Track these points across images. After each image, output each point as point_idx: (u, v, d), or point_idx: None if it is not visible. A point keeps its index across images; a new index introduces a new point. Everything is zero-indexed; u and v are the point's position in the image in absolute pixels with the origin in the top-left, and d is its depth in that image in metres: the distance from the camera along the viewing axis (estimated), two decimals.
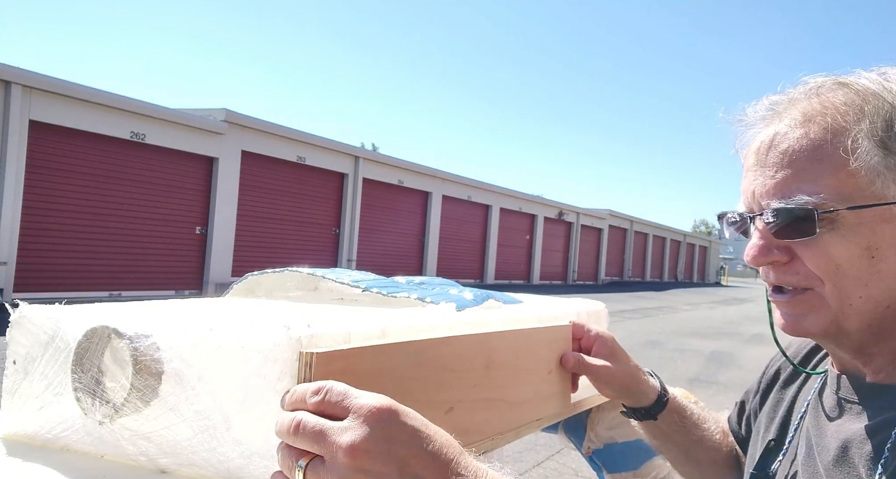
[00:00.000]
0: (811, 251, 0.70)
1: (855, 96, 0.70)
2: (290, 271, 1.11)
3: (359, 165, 19.75)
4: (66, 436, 0.75)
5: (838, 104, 0.70)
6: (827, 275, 0.70)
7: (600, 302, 1.34)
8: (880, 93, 0.69)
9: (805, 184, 0.69)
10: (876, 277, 0.69)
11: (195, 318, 0.79)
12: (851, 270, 0.69)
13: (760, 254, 0.74)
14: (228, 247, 15.76)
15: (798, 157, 0.70)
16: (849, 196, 0.68)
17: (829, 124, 0.69)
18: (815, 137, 0.70)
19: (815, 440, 0.79)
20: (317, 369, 0.62)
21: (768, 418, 0.94)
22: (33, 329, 0.78)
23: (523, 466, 4.59)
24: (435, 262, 23.27)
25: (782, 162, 0.71)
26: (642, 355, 10.09)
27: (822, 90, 0.72)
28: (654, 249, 46.10)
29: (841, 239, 0.69)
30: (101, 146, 12.89)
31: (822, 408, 0.80)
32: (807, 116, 0.71)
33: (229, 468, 0.66)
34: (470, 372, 0.84)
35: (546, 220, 30.87)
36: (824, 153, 0.69)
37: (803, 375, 0.92)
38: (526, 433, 0.98)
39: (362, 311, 0.93)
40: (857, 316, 0.71)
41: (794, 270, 0.73)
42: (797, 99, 0.74)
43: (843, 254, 0.69)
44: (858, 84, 0.70)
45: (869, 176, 0.68)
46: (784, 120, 0.73)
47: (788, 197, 0.70)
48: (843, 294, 0.70)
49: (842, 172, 0.68)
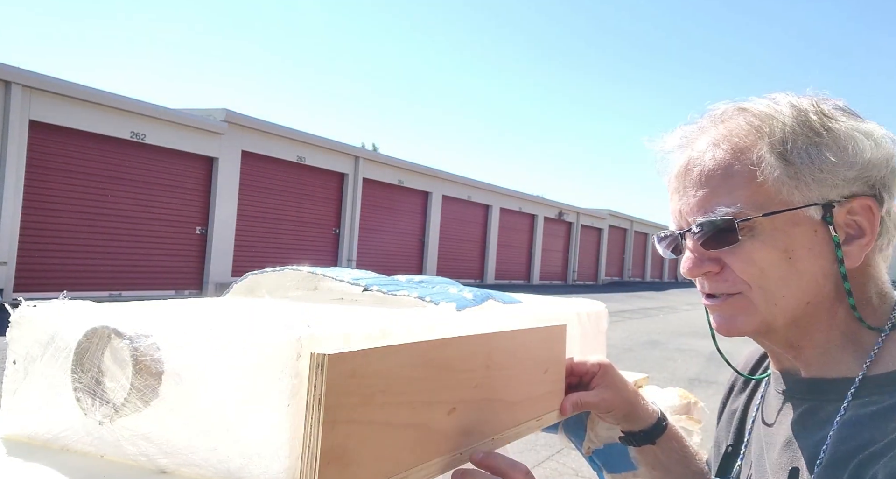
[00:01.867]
0: (737, 258, 0.77)
1: (754, 119, 0.79)
2: (290, 269, 1.11)
3: (359, 165, 19.75)
4: (66, 436, 0.75)
5: (741, 126, 0.79)
6: (753, 279, 0.77)
7: (600, 302, 1.34)
8: (773, 115, 0.78)
9: (722, 198, 0.77)
10: (795, 276, 0.76)
11: (195, 318, 0.79)
12: (774, 272, 0.76)
13: (694, 266, 0.81)
14: (228, 247, 15.76)
15: (713, 176, 0.78)
16: (761, 205, 0.76)
17: (735, 144, 0.78)
18: (725, 157, 0.78)
19: (764, 439, 0.84)
20: (329, 370, 0.62)
21: (725, 429, 0.98)
22: (33, 329, 0.78)
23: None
24: (435, 262, 23.28)
25: (700, 182, 0.79)
26: (642, 355, 10.09)
27: (725, 116, 0.81)
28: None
29: (761, 245, 0.76)
30: (101, 146, 12.90)
31: (768, 406, 0.87)
32: (715, 140, 0.80)
33: (229, 468, 0.66)
34: (471, 372, 0.84)
35: (546, 220, 30.89)
36: (734, 170, 0.77)
37: (753, 382, 0.98)
38: (526, 433, 0.98)
39: (362, 311, 0.93)
40: (782, 314, 0.78)
41: (724, 277, 0.79)
42: (705, 127, 0.83)
43: (764, 258, 0.76)
44: (755, 109, 0.79)
45: (775, 185, 0.75)
46: (696, 146, 0.82)
47: (710, 211, 0.77)
48: (769, 295, 0.77)
49: (752, 184, 0.76)
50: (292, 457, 0.63)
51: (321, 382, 0.62)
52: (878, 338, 0.77)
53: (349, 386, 0.65)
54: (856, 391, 0.74)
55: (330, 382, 0.62)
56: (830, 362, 0.79)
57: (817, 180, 0.75)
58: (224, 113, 15.31)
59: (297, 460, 0.63)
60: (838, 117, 0.78)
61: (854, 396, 0.74)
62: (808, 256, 0.76)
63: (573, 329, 1.17)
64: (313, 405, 0.62)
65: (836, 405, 0.75)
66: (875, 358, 0.76)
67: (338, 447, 0.64)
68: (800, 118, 0.77)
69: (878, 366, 0.75)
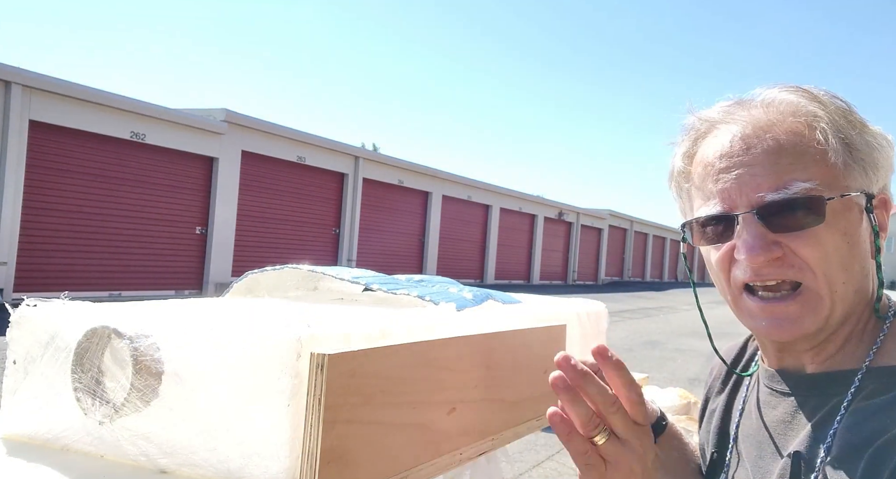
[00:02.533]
0: (805, 241, 0.72)
1: (810, 102, 0.76)
2: (290, 268, 1.11)
3: (359, 165, 19.74)
4: (66, 436, 0.75)
5: (801, 106, 0.75)
6: (818, 264, 0.72)
7: (600, 302, 1.34)
8: (829, 101, 0.76)
9: (797, 173, 0.72)
10: (852, 261, 0.74)
11: (195, 318, 0.79)
12: (836, 256, 0.73)
13: (764, 250, 0.72)
14: (228, 247, 15.75)
15: (783, 151, 0.73)
16: (833, 185, 0.73)
17: (800, 123, 0.74)
18: (794, 135, 0.73)
19: (761, 440, 0.82)
20: (329, 370, 0.62)
21: (705, 431, 0.97)
22: (33, 329, 0.78)
23: (523, 466, 4.59)
24: (435, 262, 23.27)
25: (769, 158, 0.73)
26: (642, 355, 10.09)
27: (773, 97, 0.77)
28: (655, 249, 46.10)
29: (826, 227, 0.72)
30: (101, 146, 12.89)
31: (762, 406, 0.84)
32: (778, 117, 0.75)
33: (229, 468, 0.66)
34: (471, 372, 0.84)
35: (546, 220, 30.86)
36: (806, 147, 0.73)
37: (732, 381, 0.95)
38: (526, 433, 0.98)
39: (362, 311, 0.93)
40: (840, 303, 0.74)
41: (790, 262, 0.73)
42: (755, 104, 0.77)
43: (830, 241, 0.72)
44: (811, 92, 0.77)
45: (839, 168, 0.73)
46: (754, 122, 0.76)
47: (785, 187, 0.72)
48: (830, 282, 0.73)
49: (825, 163, 0.73)
50: (292, 457, 0.63)
51: (321, 382, 0.62)
52: (882, 326, 0.77)
53: (349, 386, 0.65)
54: (861, 382, 0.73)
55: (330, 382, 0.62)
56: (844, 356, 0.78)
57: (866, 169, 0.75)
58: (224, 113, 15.29)
59: (297, 460, 0.63)
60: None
61: (860, 387, 0.73)
62: (860, 242, 0.75)
63: (573, 329, 1.17)
64: (313, 404, 0.62)
65: (840, 397, 0.74)
66: (878, 349, 0.75)
67: (338, 447, 0.64)
68: (846, 109, 0.77)
69: (883, 357, 0.75)
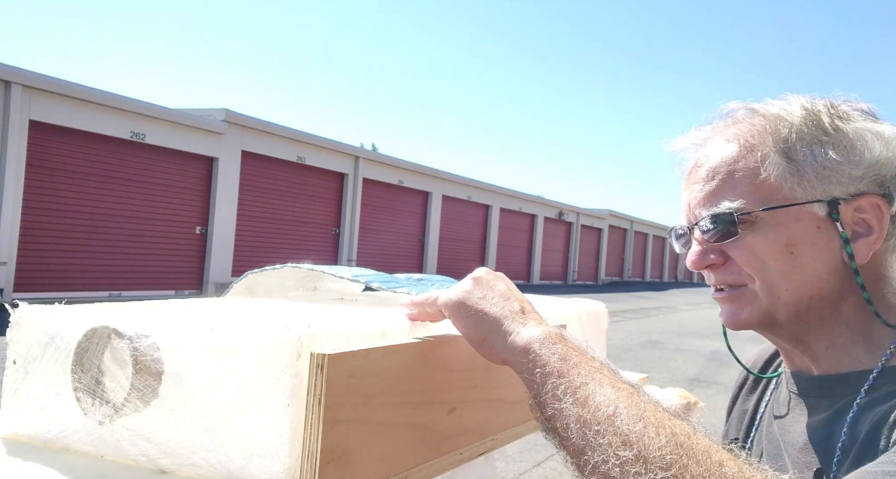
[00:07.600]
0: (740, 251, 0.80)
1: (762, 119, 0.82)
2: (290, 267, 1.11)
3: (359, 165, 19.74)
4: (66, 436, 0.75)
5: (751, 126, 0.82)
6: (755, 271, 0.80)
7: (600, 302, 1.34)
8: (783, 115, 0.81)
9: (727, 193, 0.80)
10: (798, 270, 0.78)
11: (195, 318, 0.79)
12: (775, 265, 0.78)
13: (699, 258, 0.84)
14: (228, 247, 15.75)
15: (719, 172, 0.82)
16: (763, 200, 0.78)
17: (743, 143, 0.81)
18: (732, 155, 0.81)
19: (781, 438, 0.85)
20: (328, 370, 0.62)
21: (735, 427, 0.99)
22: (33, 329, 0.78)
23: (523, 466, 4.59)
24: (435, 262, 23.27)
25: (707, 178, 0.83)
26: (642, 355, 10.09)
27: (737, 118, 0.85)
28: (655, 249, 46.10)
29: (763, 238, 0.78)
30: (101, 146, 12.89)
31: (781, 406, 0.88)
32: (726, 139, 0.84)
33: (229, 468, 0.66)
34: (471, 372, 0.84)
35: (546, 220, 30.87)
36: (739, 167, 0.81)
37: (764, 381, 0.99)
38: (526, 434, 0.98)
39: (362, 311, 0.93)
40: (785, 308, 0.80)
41: (729, 270, 0.82)
42: (718, 127, 0.87)
43: (765, 251, 0.78)
44: (765, 110, 0.83)
45: (778, 182, 0.78)
46: (707, 145, 0.86)
47: (715, 205, 0.81)
48: (772, 288, 0.79)
49: (756, 181, 0.79)
50: (292, 457, 0.63)
51: (321, 382, 0.62)
52: (894, 335, 0.77)
53: (349, 386, 0.65)
54: (873, 382, 0.74)
55: (330, 382, 0.62)
56: (841, 358, 0.79)
57: (820, 177, 0.77)
58: (224, 113, 15.29)
59: (297, 460, 0.63)
60: (854, 118, 0.79)
61: (871, 386, 0.74)
62: (811, 251, 0.78)
63: (573, 329, 1.17)
64: (313, 405, 0.62)
65: (851, 398, 0.75)
66: (892, 354, 0.76)
67: (338, 447, 0.64)
68: (808, 118, 0.79)
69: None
